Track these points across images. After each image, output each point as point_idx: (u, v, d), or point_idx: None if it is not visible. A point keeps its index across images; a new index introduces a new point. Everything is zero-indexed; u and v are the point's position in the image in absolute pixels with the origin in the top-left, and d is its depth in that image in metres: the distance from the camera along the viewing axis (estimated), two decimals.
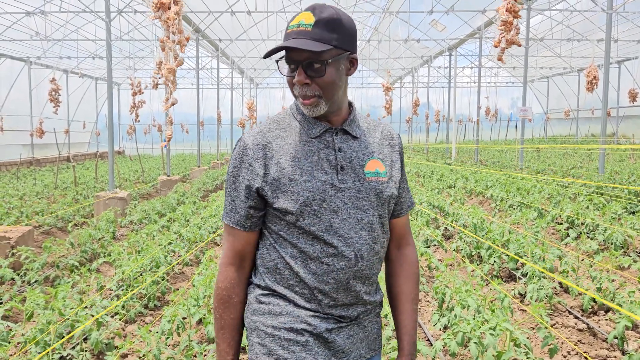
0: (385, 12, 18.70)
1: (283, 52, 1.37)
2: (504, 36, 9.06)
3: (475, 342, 2.91)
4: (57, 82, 17.45)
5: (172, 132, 8.71)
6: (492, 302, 4.19)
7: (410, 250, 1.60)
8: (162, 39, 7.44)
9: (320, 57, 1.32)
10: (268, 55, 1.35)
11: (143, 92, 16.91)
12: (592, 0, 14.25)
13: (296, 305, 1.39)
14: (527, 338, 3.09)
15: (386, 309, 3.72)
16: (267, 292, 1.43)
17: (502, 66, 26.92)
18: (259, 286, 1.45)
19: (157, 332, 3.69)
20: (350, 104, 1.50)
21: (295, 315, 1.38)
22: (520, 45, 9.18)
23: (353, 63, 1.42)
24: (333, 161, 1.39)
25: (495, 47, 9.33)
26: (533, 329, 3.99)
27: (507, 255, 5.56)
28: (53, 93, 17.26)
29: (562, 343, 3.72)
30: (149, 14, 12.21)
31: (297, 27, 1.32)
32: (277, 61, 1.40)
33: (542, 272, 4.62)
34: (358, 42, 1.45)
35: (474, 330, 3.10)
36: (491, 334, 2.89)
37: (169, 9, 7.24)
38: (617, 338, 3.40)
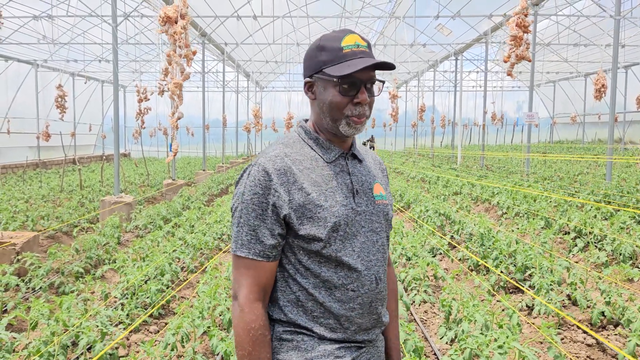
0: (391, 17, 18.67)
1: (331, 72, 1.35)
2: (513, 51, 8.99)
3: None
4: (63, 87, 17.51)
5: (178, 145, 8.71)
6: (499, 314, 4.15)
7: (390, 269, 1.65)
8: (168, 53, 7.44)
9: (374, 77, 1.38)
10: (364, 69, 1.33)
11: (149, 99, 16.94)
12: (600, 5, 14.17)
13: (321, 338, 1.36)
14: (535, 354, 3.04)
15: None
16: (289, 327, 1.37)
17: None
18: (279, 321, 1.39)
19: (161, 343, 3.67)
20: None
21: (322, 349, 1.35)
22: (530, 61, 9.11)
23: None
24: (349, 185, 1.40)
25: (505, 62, 9.26)
26: (541, 343, 3.94)
27: (515, 265, 5.51)
28: (59, 99, 17.32)
29: (572, 358, 3.67)
30: (155, 18, 12.24)
31: (356, 47, 1.35)
32: (342, 84, 1.34)
33: (550, 285, 4.57)
34: None
35: (482, 347, 3.06)
36: (499, 353, 2.85)
37: (176, 23, 7.23)
38: (628, 355, 3.34)
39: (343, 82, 1.34)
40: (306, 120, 1.51)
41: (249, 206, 1.33)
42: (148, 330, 4.58)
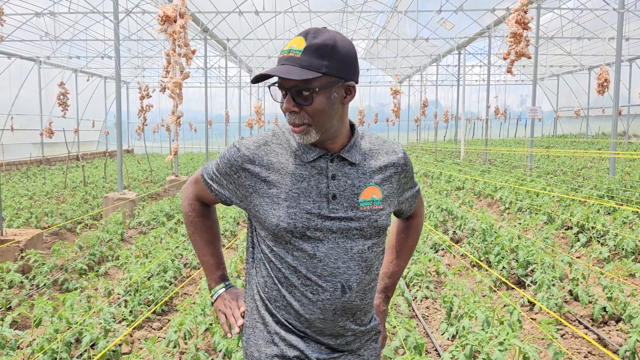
0: (393, 11, 18.60)
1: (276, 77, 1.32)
2: (513, 48, 8.93)
3: (484, 358, 2.88)
4: (65, 84, 17.56)
5: (177, 145, 8.76)
6: (501, 309, 4.15)
7: (417, 221, 1.68)
8: (168, 52, 7.44)
9: (308, 84, 1.26)
10: (254, 81, 1.31)
11: (151, 96, 16.96)
12: None
13: (287, 329, 1.39)
14: (536, 351, 3.05)
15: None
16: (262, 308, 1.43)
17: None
18: (259, 295, 1.45)
19: (164, 339, 3.70)
20: (352, 127, 1.43)
21: (287, 342, 1.37)
22: (530, 57, 9.04)
23: (350, 91, 1.34)
24: (324, 189, 1.34)
25: (505, 59, 9.21)
26: (542, 339, 3.94)
27: (517, 261, 5.52)
28: (62, 97, 17.37)
29: (572, 354, 3.68)
30: (156, 14, 12.22)
31: (287, 52, 1.28)
32: (269, 86, 1.35)
33: (552, 281, 4.57)
34: (367, 42, 1.42)
35: (482, 343, 3.07)
36: (500, 350, 2.86)
37: (175, 22, 7.22)
38: (628, 351, 3.35)
39: (280, 89, 1.32)
40: None
41: (223, 162, 1.44)
42: (151, 327, 4.61)
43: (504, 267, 5.38)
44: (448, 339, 3.98)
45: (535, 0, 13.22)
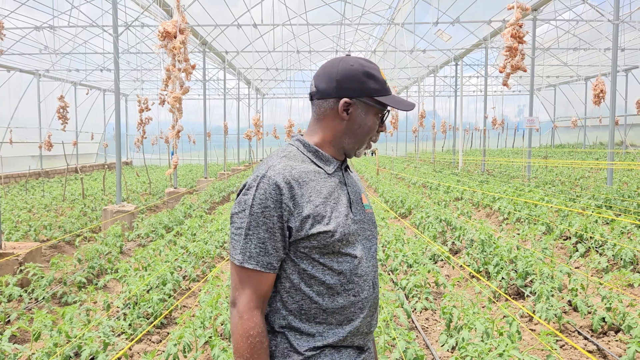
0: (390, 23, 18.75)
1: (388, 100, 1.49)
2: (509, 62, 9.00)
3: None
4: (64, 97, 17.62)
5: (177, 159, 8.80)
6: (500, 320, 4.15)
7: None
8: (167, 67, 7.49)
9: None
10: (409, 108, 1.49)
11: (150, 109, 17.04)
12: (598, 10, 14.22)
13: (324, 343, 1.40)
14: None
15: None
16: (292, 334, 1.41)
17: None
18: (288, 327, 1.41)
19: (163, 353, 3.69)
20: None
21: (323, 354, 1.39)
22: (525, 71, 9.09)
23: None
24: (347, 196, 1.47)
25: (501, 72, 9.29)
26: (542, 350, 3.94)
27: (515, 272, 5.52)
28: (61, 110, 17.43)
29: None
30: (156, 27, 12.30)
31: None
32: (382, 114, 1.51)
33: (551, 291, 4.58)
34: (364, 54, 1.57)
35: (482, 355, 3.07)
36: None
37: (175, 38, 7.27)
38: None
39: (383, 113, 1.48)
40: (302, 135, 1.53)
41: (259, 219, 1.34)
42: (150, 340, 4.60)
43: (503, 278, 5.39)
44: (448, 350, 3.98)
45: (531, 12, 13.35)
